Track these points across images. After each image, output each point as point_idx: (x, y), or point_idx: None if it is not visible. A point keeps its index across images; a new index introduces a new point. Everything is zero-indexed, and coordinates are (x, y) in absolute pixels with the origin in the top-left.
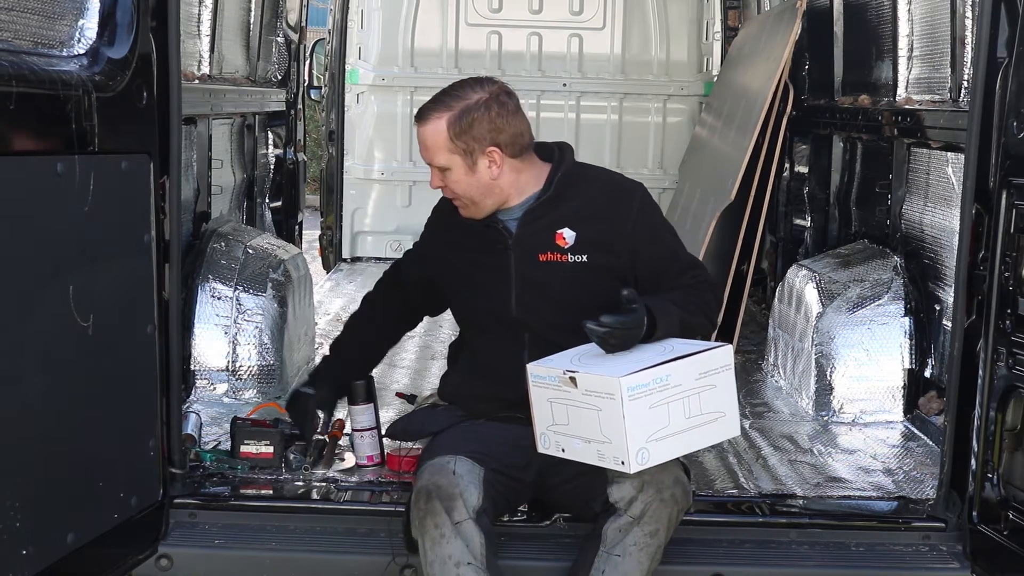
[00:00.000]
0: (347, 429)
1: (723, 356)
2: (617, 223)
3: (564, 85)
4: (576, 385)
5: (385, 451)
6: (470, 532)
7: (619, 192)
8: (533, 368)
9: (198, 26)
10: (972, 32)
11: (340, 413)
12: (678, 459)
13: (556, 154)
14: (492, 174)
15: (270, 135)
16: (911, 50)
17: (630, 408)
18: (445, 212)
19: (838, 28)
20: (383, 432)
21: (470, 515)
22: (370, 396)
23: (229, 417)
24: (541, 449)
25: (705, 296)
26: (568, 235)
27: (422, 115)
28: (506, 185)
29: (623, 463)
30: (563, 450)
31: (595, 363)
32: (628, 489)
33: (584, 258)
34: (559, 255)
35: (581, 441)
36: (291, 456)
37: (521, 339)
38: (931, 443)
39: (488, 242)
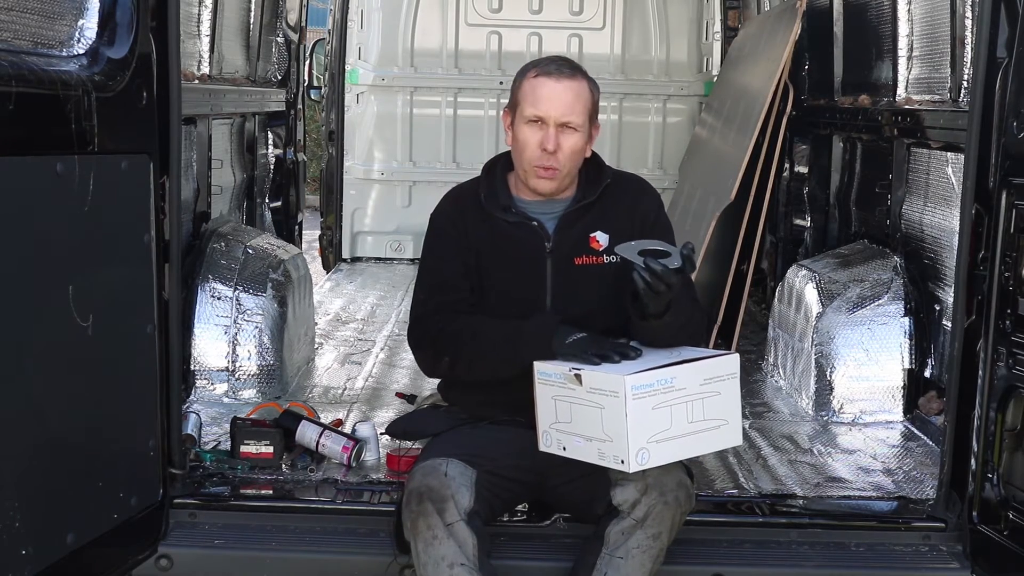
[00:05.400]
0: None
1: (730, 364)
2: (636, 221)
3: None
4: (581, 383)
5: (354, 435)
6: (462, 533)
7: (638, 191)
8: (540, 366)
9: (198, 26)
10: (972, 32)
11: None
12: (681, 462)
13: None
14: (587, 151)
15: (270, 135)
16: (911, 50)
17: (633, 407)
18: (467, 213)
19: (838, 28)
20: (381, 431)
21: (461, 517)
22: (296, 417)
23: (229, 417)
24: (543, 447)
25: (700, 327)
26: (601, 237)
27: (558, 71)
28: (577, 170)
29: (623, 462)
30: (564, 448)
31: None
32: (631, 492)
33: (617, 259)
34: (594, 258)
35: (583, 439)
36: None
37: None
38: (931, 443)
39: (524, 244)
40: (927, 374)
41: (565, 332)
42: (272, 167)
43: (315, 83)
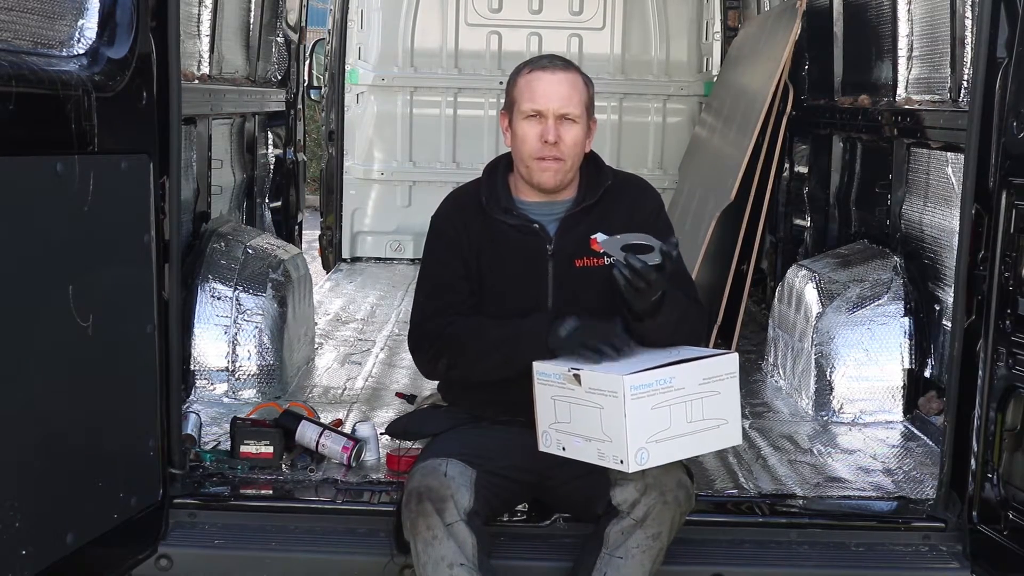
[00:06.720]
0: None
1: (728, 363)
2: (636, 222)
3: None
4: (580, 383)
5: (354, 435)
6: (462, 534)
7: (639, 191)
8: (539, 366)
9: (198, 26)
10: (972, 32)
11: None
12: (681, 462)
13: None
14: (586, 145)
15: (270, 135)
16: (911, 50)
17: (632, 407)
18: (468, 215)
19: (838, 28)
20: (381, 431)
21: (461, 517)
22: (296, 417)
23: (229, 417)
24: (542, 447)
25: (699, 326)
26: (602, 239)
27: (551, 65)
28: (579, 164)
29: (622, 462)
30: (563, 448)
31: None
32: (631, 491)
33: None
34: (594, 260)
35: (582, 439)
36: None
37: None
38: (931, 443)
39: (525, 246)
40: (927, 374)
41: (559, 324)
42: (272, 167)
43: (315, 83)
